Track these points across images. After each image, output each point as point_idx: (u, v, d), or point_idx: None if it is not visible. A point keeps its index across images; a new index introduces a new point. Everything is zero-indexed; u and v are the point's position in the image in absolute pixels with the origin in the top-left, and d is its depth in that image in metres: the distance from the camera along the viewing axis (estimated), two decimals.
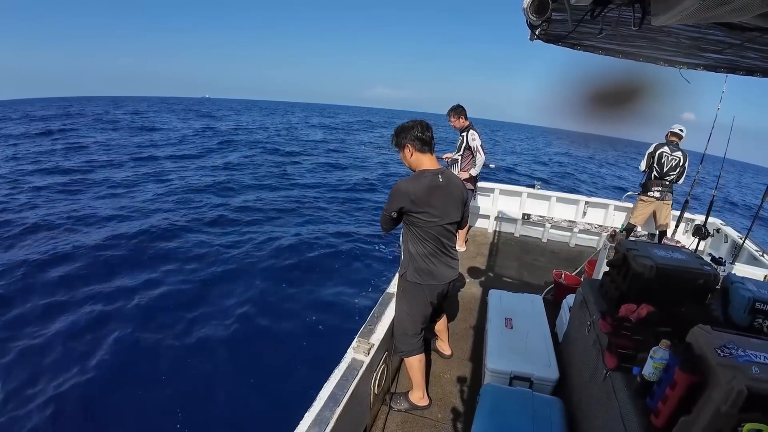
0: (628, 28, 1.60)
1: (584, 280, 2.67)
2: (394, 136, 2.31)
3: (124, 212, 9.20)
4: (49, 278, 5.98)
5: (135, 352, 4.61)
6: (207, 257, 7.02)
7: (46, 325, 4.92)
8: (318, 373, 2.14)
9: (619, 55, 2.42)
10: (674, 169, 4.86)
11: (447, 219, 2.22)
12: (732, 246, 5.05)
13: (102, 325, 4.99)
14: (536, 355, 2.60)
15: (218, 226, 8.75)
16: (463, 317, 3.59)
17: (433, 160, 2.28)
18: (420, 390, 2.51)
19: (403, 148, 2.26)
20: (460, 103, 4.66)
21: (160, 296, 5.72)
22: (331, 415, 1.75)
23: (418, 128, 2.23)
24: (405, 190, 2.13)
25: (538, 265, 5.04)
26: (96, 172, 13.34)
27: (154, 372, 4.26)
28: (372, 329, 2.37)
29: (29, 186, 10.97)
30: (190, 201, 10.42)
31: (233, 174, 14.36)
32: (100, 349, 4.56)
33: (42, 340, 4.66)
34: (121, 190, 11.27)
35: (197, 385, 4.11)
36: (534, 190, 5.97)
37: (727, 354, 1.23)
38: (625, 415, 1.51)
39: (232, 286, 6.09)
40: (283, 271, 6.69)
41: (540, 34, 2.18)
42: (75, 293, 5.64)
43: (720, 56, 2.10)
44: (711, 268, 1.93)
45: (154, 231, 7.99)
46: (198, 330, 4.96)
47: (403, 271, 2.37)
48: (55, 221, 8.30)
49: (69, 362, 4.34)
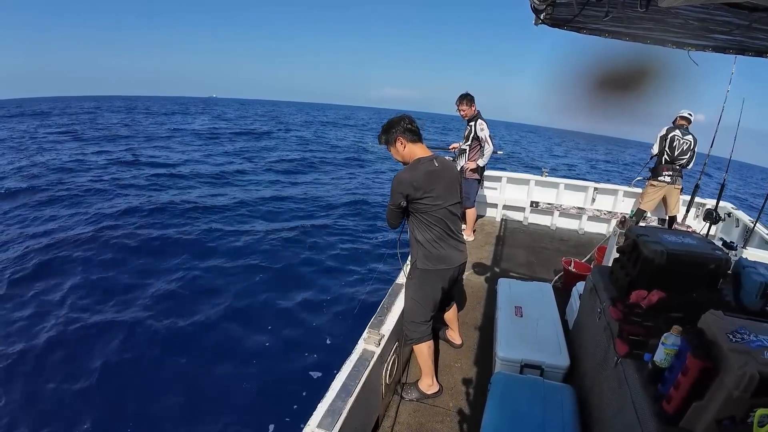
0: (635, 10, 1.56)
1: (594, 267, 2.65)
2: (382, 134, 2.35)
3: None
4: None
5: (154, 336, 4.72)
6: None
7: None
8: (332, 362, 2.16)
9: (626, 38, 2.38)
10: (685, 152, 4.79)
11: (449, 201, 2.29)
12: (743, 230, 4.98)
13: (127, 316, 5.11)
14: (547, 343, 2.60)
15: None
16: (472, 306, 3.60)
17: (424, 148, 2.34)
18: (429, 377, 2.53)
19: (394, 143, 2.31)
20: (468, 92, 4.61)
21: (191, 279, 5.98)
22: (344, 405, 1.77)
23: (405, 120, 2.30)
24: (406, 178, 2.18)
25: (547, 252, 5.02)
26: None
27: (160, 364, 4.34)
28: (382, 320, 2.39)
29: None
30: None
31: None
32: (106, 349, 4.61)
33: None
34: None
35: (208, 379, 4.16)
36: (542, 177, 5.93)
37: (739, 339, 1.22)
38: (636, 402, 1.51)
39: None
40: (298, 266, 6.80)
41: (545, 18, 2.15)
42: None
43: (728, 37, 2.06)
44: (722, 253, 1.90)
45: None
46: (201, 324, 5.03)
47: (413, 260, 2.41)
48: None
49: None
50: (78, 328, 4.88)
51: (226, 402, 3.84)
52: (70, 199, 9.99)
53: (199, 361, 4.39)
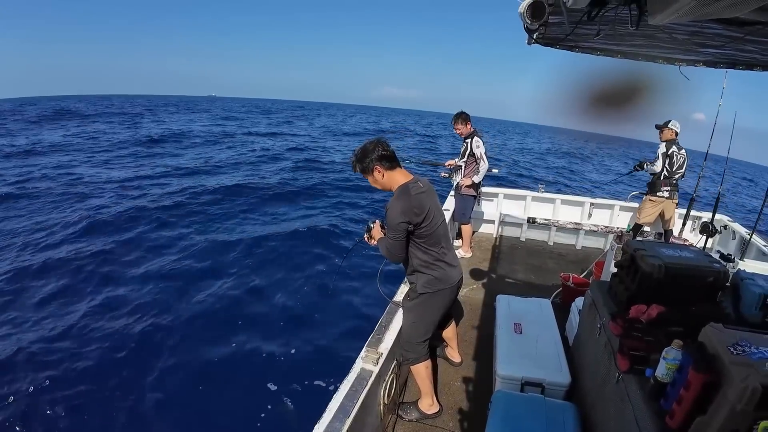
0: (626, 27, 1.60)
1: (592, 282, 2.64)
2: (356, 162, 2.22)
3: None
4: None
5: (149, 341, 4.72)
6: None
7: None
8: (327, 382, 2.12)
9: (617, 55, 2.43)
10: (681, 167, 4.83)
11: (440, 219, 2.28)
12: (740, 242, 4.99)
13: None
14: (547, 359, 2.57)
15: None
16: (471, 323, 3.57)
17: (404, 172, 2.26)
18: (429, 397, 2.49)
19: (371, 172, 2.19)
20: (463, 110, 4.67)
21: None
22: (342, 426, 1.73)
23: (380, 147, 2.17)
24: (406, 206, 2.09)
25: (545, 268, 5.01)
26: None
27: (146, 383, 4.22)
28: (380, 338, 2.36)
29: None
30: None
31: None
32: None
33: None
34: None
35: (196, 398, 4.05)
36: (538, 193, 5.96)
37: (740, 352, 1.21)
38: (639, 418, 1.49)
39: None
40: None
41: (537, 38, 2.19)
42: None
43: (719, 51, 2.10)
44: (720, 266, 1.90)
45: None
46: (196, 340, 4.93)
47: (412, 285, 2.36)
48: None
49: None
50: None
51: (218, 423, 3.75)
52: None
53: (188, 381, 4.26)
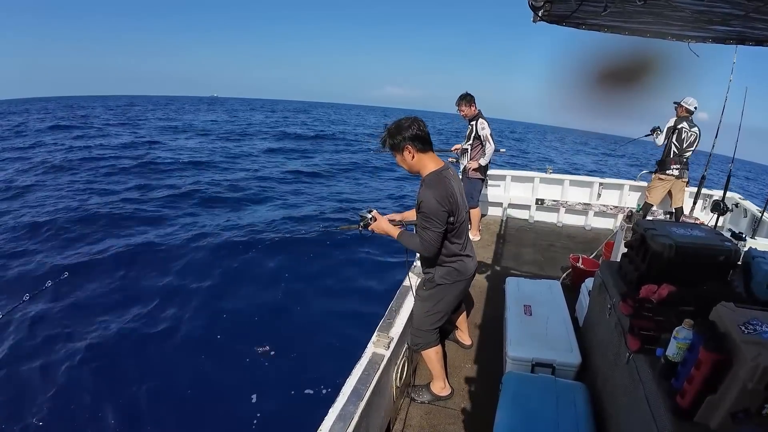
0: (633, 4, 1.56)
1: (602, 263, 2.63)
2: (388, 137, 2.07)
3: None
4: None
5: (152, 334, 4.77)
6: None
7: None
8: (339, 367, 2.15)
9: (625, 32, 2.37)
10: (692, 145, 4.75)
11: (465, 208, 2.21)
12: (752, 220, 4.93)
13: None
14: (557, 340, 2.59)
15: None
16: (480, 306, 3.58)
17: (435, 158, 2.14)
18: (441, 380, 2.52)
19: (401, 150, 2.05)
20: (468, 92, 4.60)
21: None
22: (355, 409, 1.76)
23: (415, 126, 2.02)
24: (444, 195, 1.99)
25: (554, 250, 4.99)
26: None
27: (164, 371, 4.34)
28: (391, 323, 2.39)
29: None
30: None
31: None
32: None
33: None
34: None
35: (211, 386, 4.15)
36: (546, 174, 5.91)
37: (751, 330, 1.21)
38: (650, 397, 1.49)
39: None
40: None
41: (543, 15, 2.15)
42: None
43: (728, 28, 2.05)
44: (731, 244, 1.89)
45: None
46: (202, 327, 5.04)
47: (429, 275, 2.33)
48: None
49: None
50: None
51: (233, 410, 3.83)
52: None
53: (204, 367, 4.38)
